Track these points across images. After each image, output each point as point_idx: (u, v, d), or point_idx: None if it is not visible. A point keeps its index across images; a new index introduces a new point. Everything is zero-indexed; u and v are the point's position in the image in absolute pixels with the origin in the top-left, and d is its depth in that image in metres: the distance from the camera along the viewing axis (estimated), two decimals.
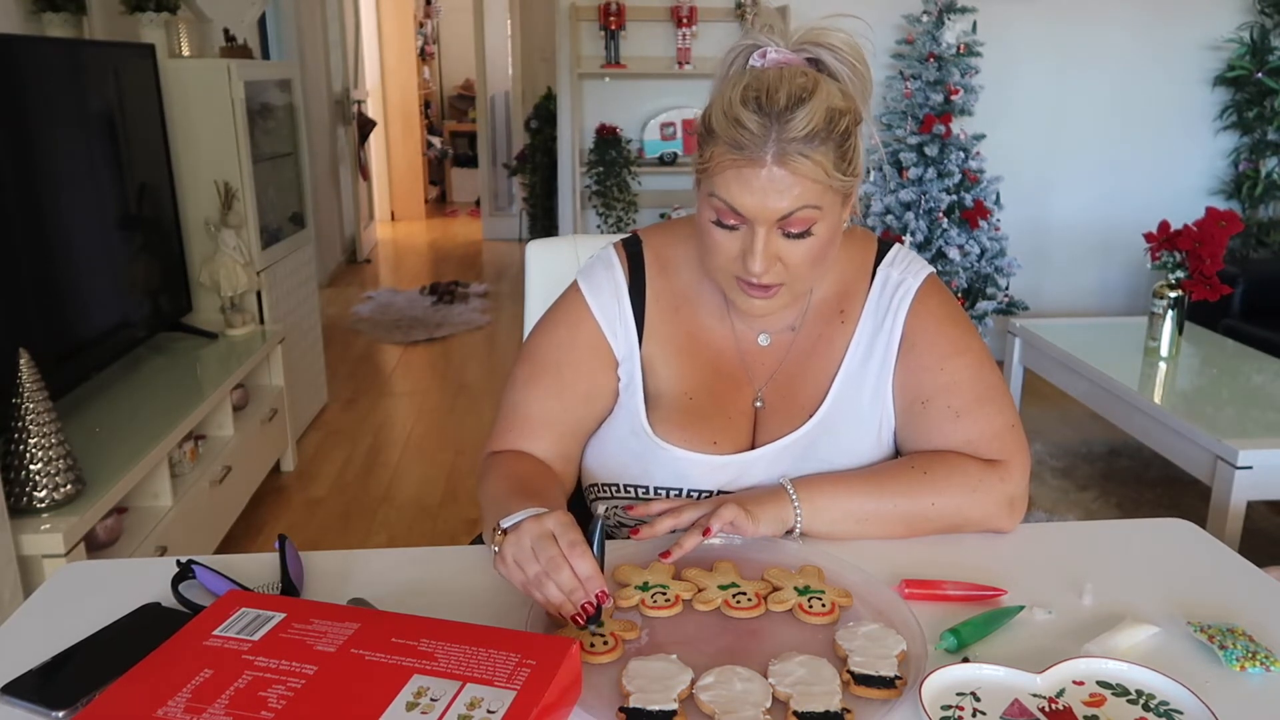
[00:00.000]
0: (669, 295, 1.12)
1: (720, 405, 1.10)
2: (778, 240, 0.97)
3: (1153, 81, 4.12)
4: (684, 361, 1.11)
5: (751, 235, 0.96)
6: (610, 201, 4.10)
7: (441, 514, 2.91)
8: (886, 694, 0.77)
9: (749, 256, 0.96)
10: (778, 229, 0.96)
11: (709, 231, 0.99)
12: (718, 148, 0.95)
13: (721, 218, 0.97)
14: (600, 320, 1.11)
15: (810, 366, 1.11)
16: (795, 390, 1.11)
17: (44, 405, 1.81)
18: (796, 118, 0.92)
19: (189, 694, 0.70)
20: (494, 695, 0.69)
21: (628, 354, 1.11)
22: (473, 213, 8.38)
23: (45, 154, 2.16)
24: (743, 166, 0.93)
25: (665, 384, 1.11)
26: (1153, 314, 2.94)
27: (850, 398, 1.10)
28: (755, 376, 1.12)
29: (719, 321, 1.12)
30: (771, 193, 0.93)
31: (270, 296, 3.06)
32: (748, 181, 0.93)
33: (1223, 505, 2.28)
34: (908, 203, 3.75)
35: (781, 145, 0.92)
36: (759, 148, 0.92)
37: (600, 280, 1.12)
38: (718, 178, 0.95)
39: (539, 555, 0.84)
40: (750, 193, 0.93)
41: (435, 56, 9.22)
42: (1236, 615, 0.90)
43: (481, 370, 4.36)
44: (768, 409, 1.12)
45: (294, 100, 3.41)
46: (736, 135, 0.93)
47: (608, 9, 3.87)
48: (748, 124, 0.92)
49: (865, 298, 1.11)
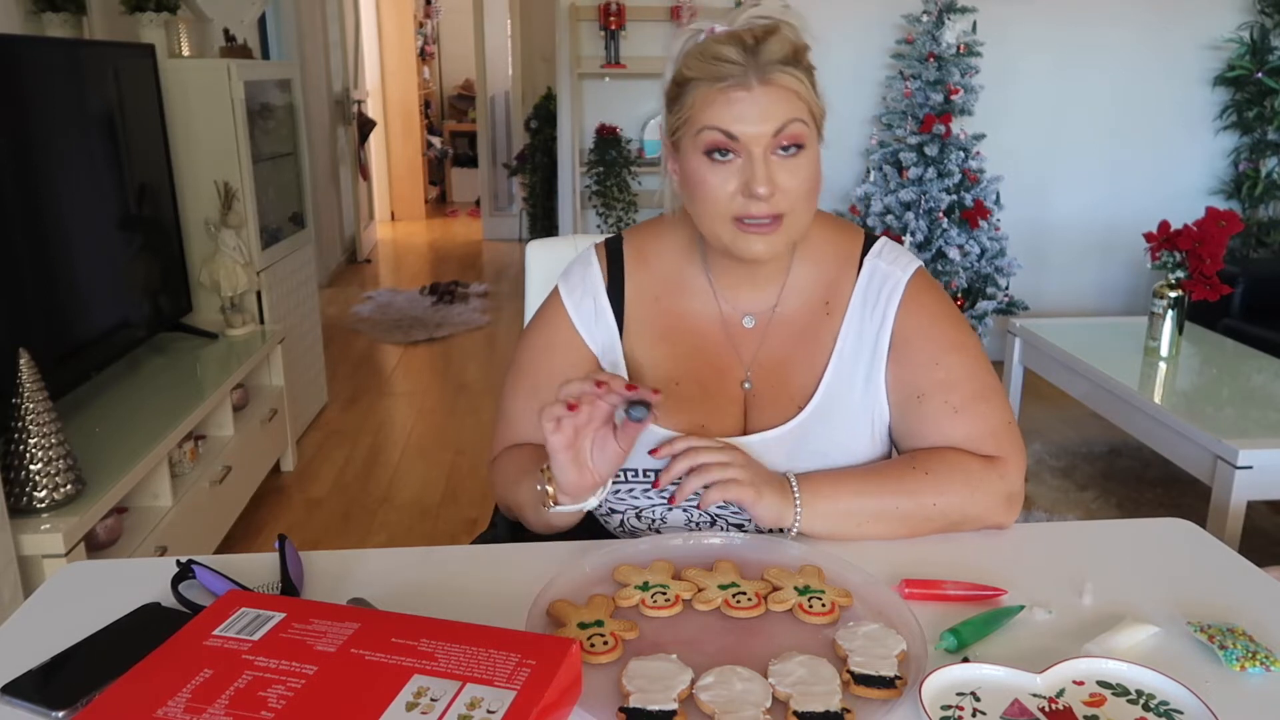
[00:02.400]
0: (649, 285, 1.15)
1: (708, 390, 1.12)
2: (773, 164, 0.99)
3: (1153, 81, 4.12)
4: (668, 349, 1.13)
5: (749, 161, 0.99)
6: (610, 201, 4.10)
7: (441, 514, 2.91)
8: (886, 694, 0.77)
9: (752, 181, 0.98)
10: (772, 149, 0.99)
11: (702, 174, 1.01)
12: (697, 91, 0.99)
13: (715, 147, 0.99)
14: (575, 319, 1.14)
15: (798, 356, 1.12)
16: (785, 379, 1.12)
17: (44, 405, 1.81)
18: (770, 44, 0.98)
19: (189, 694, 0.70)
20: (494, 695, 0.69)
21: (608, 347, 1.14)
22: (473, 213, 8.38)
23: (45, 154, 2.16)
24: (730, 91, 0.98)
25: (650, 372, 1.13)
26: (1153, 314, 2.94)
27: (842, 390, 1.11)
28: (742, 358, 1.13)
29: (703, 305, 1.14)
30: (762, 110, 0.98)
31: (270, 296, 3.06)
32: (738, 103, 0.98)
33: (1223, 505, 2.28)
34: (908, 203, 3.75)
35: (762, 68, 0.98)
36: (743, 74, 0.97)
37: (576, 280, 1.16)
38: (706, 111, 0.99)
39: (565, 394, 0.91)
40: (742, 114, 0.98)
41: (435, 56, 9.22)
42: (1236, 615, 0.90)
43: (481, 370, 4.36)
44: (757, 394, 1.12)
45: (294, 100, 3.41)
46: (718, 69, 0.98)
47: (608, 9, 3.87)
48: (726, 55, 0.97)
49: (852, 289, 1.12)
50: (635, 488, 1.11)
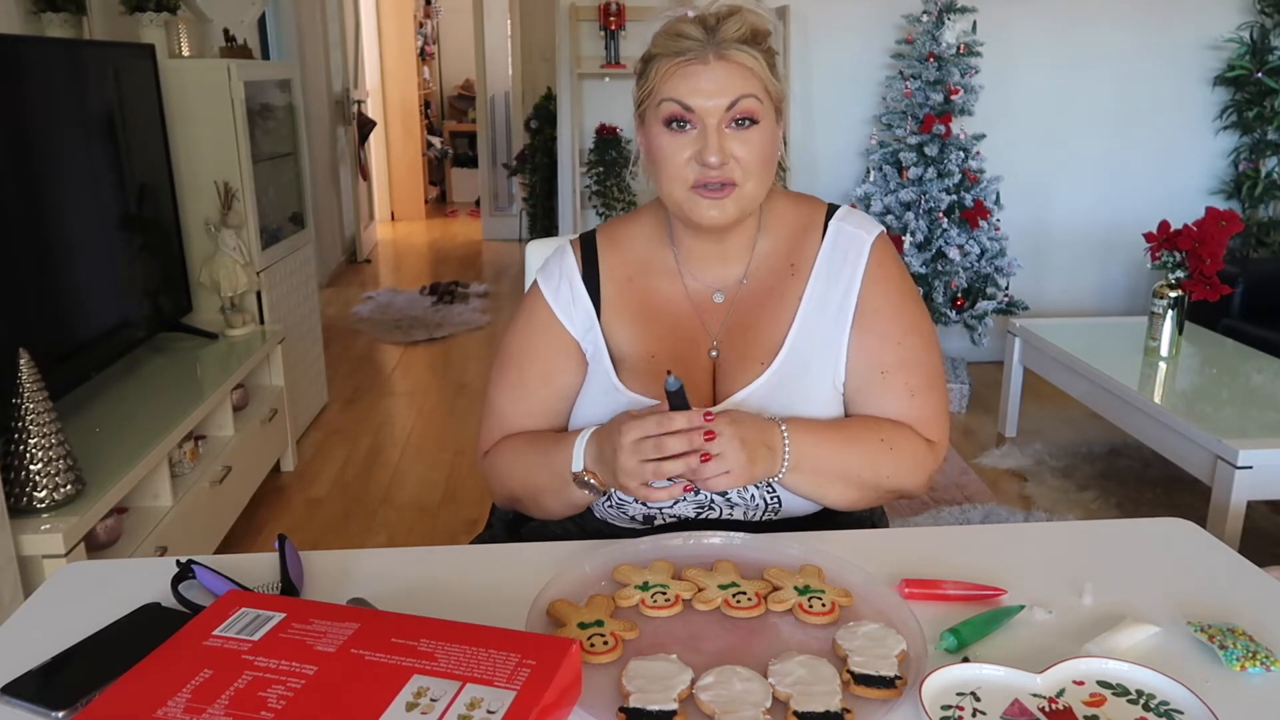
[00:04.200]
0: (622, 268, 1.20)
1: (680, 361, 1.16)
2: (727, 136, 1.05)
3: (1153, 81, 4.12)
4: (642, 325, 1.18)
5: (704, 132, 1.05)
6: (610, 201, 4.10)
7: (441, 514, 2.91)
8: (886, 694, 0.77)
9: (705, 150, 1.04)
10: (726, 123, 1.05)
11: (661, 143, 1.07)
12: (661, 64, 1.06)
13: (673, 117, 1.05)
14: (554, 306, 1.19)
15: (763, 317, 1.16)
16: (750, 341, 1.16)
17: (44, 405, 1.81)
18: (729, 24, 1.04)
19: (189, 694, 0.70)
20: (494, 695, 0.69)
21: (588, 328, 1.18)
22: (473, 213, 8.38)
23: (45, 154, 2.16)
24: (688, 65, 1.04)
25: (628, 347, 1.17)
26: (1153, 314, 2.94)
27: (807, 347, 1.14)
28: (711, 330, 1.17)
29: (672, 284, 1.19)
30: (718, 84, 1.04)
31: (270, 296, 3.06)
32: (695, 76, 1.04)
33: (1223, 505, 2.28)
34: (908, 203, 3.75)
35: (719, 45, 1.04)
36: (701, 49, 1.04)
37: (553, 269, 1.21)
38: (665, 84, 1.05)
39: (642, 450, 0.96)
40: (698, 87, 1.04)
41: (435, 56, 9.22)
42: (1236, 615, 0.90)
43: (481, 370, 4.36)
44: (724, 360, 1.16)
45: (294, 100, 3.41)
46: (678, 45, 1.05)
47: (608, 9, 3.87)
48: (688, 32, 1.04)
49: (817, 250, 1.17)
50: None
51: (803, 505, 1.14)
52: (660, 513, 1.14)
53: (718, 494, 1.12)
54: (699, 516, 1.14)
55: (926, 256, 3.75)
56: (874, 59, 4.01)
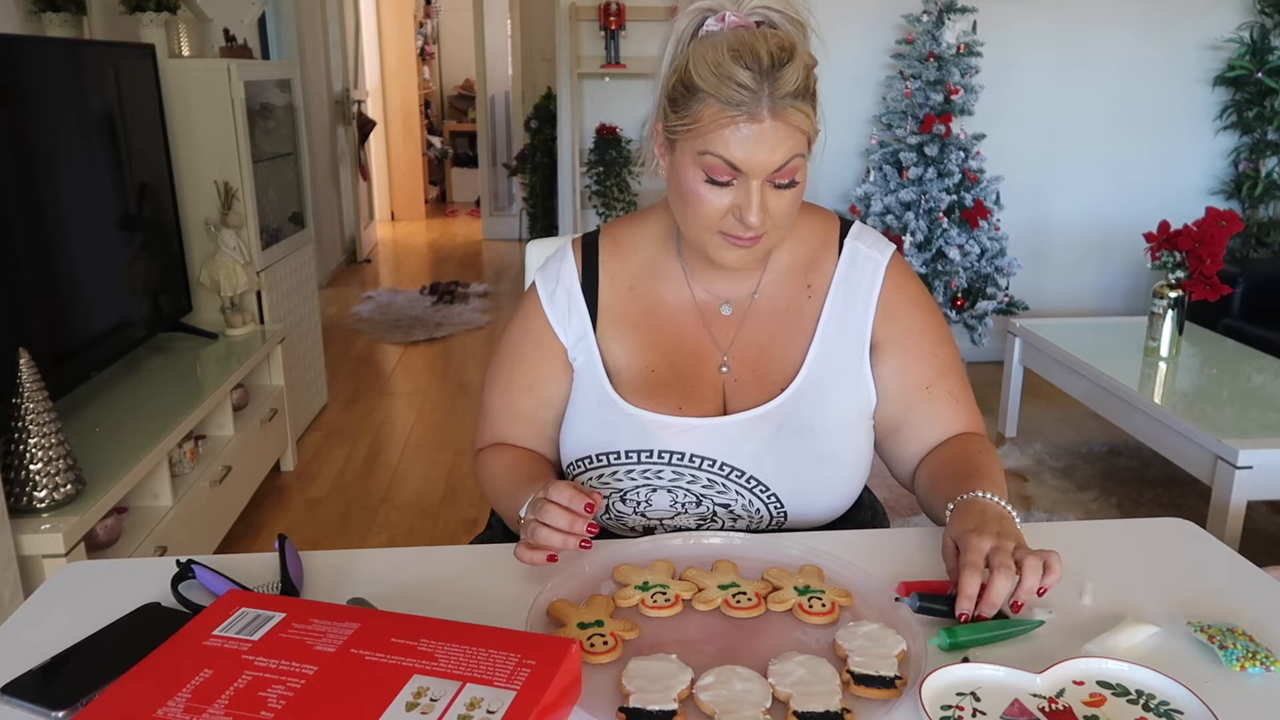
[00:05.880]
0: (624, 276, 1.16)
1: (682, 374, 1.13)
2: (767, 192, 1.00)
3: (1153, 81, 4.12)
4: (642, 337, 1.15)
5: (745, 189, 0.99)
6: (610, 201, 4.10)
7: (441, 514, 2.91)
8: (886, 694, 0.77)
9: (745, 210, 0.99)
10: (769, 180, 0.99)
11: (697, 190, 1.01)
12: (708, 107, 0.97)
13: (715, 175, 0.99)
14: (548, 312, 1.17)
15: (779, 337, 1.14)
16: (766, 360, 1.14)
17: (44, 405, 1.81)
18: (785, 74, 0.95)
19: (189, 694, 0.70)
20: (494, 695, 0.69)
21: (580, 337, 1.15)
22: (473, 213, 8.38)
23: (45, 154, 2.16)
24: (741, 123, 0.96)
25: (623, 359, 1.14)
26: (1153, 314, 2.94)
27: (827, 369, 1.12)
28: (719, 343, 1.15)
29: (678, 293, 1.15)
30: (769, 146, 0.97)
31: (270, 296, 3.06)
32: (747, 138, 0.96)
33: (1223, 505, 2.28)
34: (908, 203, 3.75)
35: (775, 101, 0.95)
36: (755, 104, 0.95)
37: (551, 273, 1.18)
38: (711, 135, 0.97)
39: (538, 509, 0.93)
40: (750, 148, 0.96)
41: (435, 56, 9.21)
42: (1236, 615, 0.90)
43: (481, 370, 4.35)
44: (736, 376, 1.14)
45: (294, 100, 3.41)
46: (731, 93, 0.95)
47: (608, 9, 3.87)
48: (742, 80, 0.95)
49: (833, 271, 1.15)
50: (618, 470, 1.11)
51: (807, 519, 1.13)
52: (660, 524, 1.13)
53: (720, 506, 1.11)
54: (700, 529, 1.13)
55: (926, 256, 3.75)
56: (874, 59, 4.01)
